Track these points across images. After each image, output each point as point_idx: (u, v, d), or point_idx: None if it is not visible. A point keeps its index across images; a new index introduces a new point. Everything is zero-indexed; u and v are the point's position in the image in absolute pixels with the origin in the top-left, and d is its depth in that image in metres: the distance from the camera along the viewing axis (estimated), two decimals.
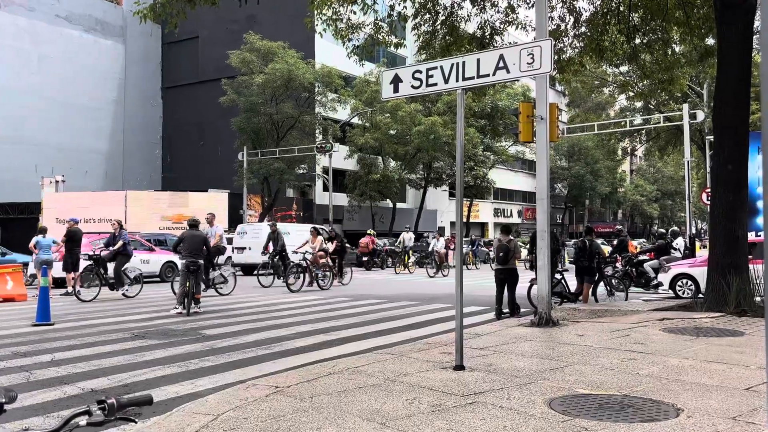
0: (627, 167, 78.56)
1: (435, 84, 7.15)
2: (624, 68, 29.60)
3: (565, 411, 5.02)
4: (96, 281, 15.51)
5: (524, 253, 24.73)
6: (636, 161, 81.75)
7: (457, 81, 6.97)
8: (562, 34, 15.60)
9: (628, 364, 6.85)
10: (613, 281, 14.77)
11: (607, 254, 16.17)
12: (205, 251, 13.56)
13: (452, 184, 48.68)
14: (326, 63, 38.05)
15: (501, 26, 15.59)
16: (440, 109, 40.78)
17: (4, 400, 2.02)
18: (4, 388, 2.07)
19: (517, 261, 12.72)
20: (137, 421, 2.05)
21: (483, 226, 58.74)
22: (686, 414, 4.94)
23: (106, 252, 15.67)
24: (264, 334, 9.92)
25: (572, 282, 14.21)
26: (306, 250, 18.79)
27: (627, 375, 6.34)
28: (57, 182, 31.12)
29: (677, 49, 18.18)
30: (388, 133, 40.33)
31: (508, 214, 63.49)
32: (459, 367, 6.62)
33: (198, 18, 23.29)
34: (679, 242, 21.19)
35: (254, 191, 39.03)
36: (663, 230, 28.38)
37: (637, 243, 33.00)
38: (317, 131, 39.18)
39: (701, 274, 13.80)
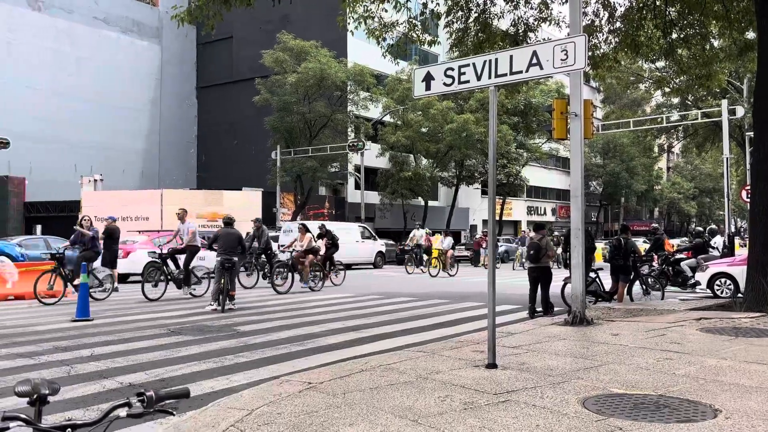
0: (664, 164, 77.14)
1: (467, 81, 7.13)
2: (660, 64, 29.13)
3: (600, 410, 4.97)
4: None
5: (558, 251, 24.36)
6: (673, 158, 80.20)
7: (490, 78, 6.95)
8: (597, 30, 15.40)
9: (664, 364, 6.74)
10: (649, 280, 14.55)
11: (643, 253, 15.93)
12: (240, 249, 13.71)
13: (485, 182, 48.35)
14: (358, 61, 38.15)
15: (534, 23, 15.44)
16: (472, 107, 40.55)
17: (48, 392, 2.09)
18: (48, 381, 2.14)
19: (550, 259, 12.51)
20: (175, 414, 2.10)
21: (516, 225, 58.26)
22: (724, 415, 4.85)
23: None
24: (296, 331, 10.01)
25: (607, 281, 14.04)
26: (294, 248, 17.72)
27: (663, 375, 6.25)
28: (95, 181, 31.88)
29: (716, 44, 17.80)
30: (420, 131, 40.27)
31: (542, 212, 62.88)
32: (491, 366, 6.60)
33: (232, 18, 23.54)
34: (718, 240, 20.78)
35: (287, 189, 39.36)
36: (700, 228, 27.79)
37: (679, 241, 32.13)
38: (349, 129, 39.33)
39: (740, 273, 13.59)
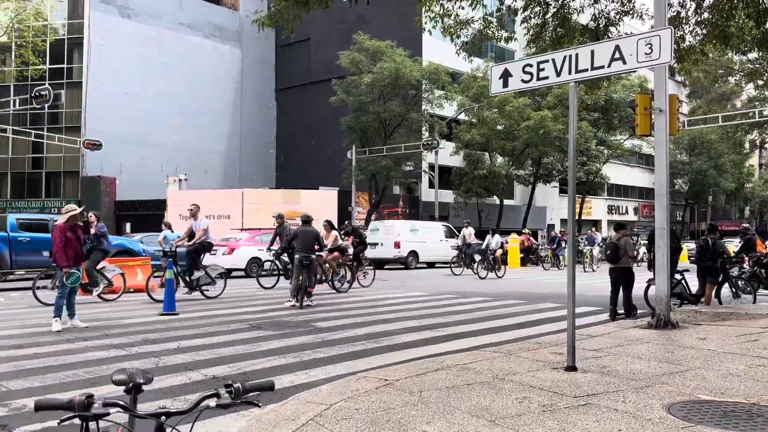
0: (755, 161, 73.18)
1: (546, 77, 7.00)
2: (753, 55, 27.66)
3: (686, 417, 4.79)
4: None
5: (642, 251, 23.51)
6: (766, 155, 75.99)
7: (570, 74, 6.79)
8: (683, 22, 14.77)
9: (757, 371, 6.42)
10: (740, 283, 13.86)
11: (733, 254, 15.18)
12: (318, 247, 13.96)
13: (562, 180, 47.26)
14: (433, 60, 38.05)
15: (616, 16, 14.96)
16: (550, 103, 39.75)
17: (143, 381, 2.21)
18: (142, 371, 2.26)
19: (632, 259, 12.06)
20: (260, 405, 2.17)
21: (596, 224, 56.74)
22: None
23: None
24: (372, 328, 10.11)
25: (693, 283, 13.46)
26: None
27: (755, 382, 5.94)
28: (180, 181, 33.23)
29: None
30: (495, 129, 39.79)
31: (623, 211, 60.88)
32: (571, 368, 6.46)
33: (309, 20, 23.96)
34: None
35: (362, 188, 39.74)
36: None
37: None
38: (424, 128, 39.31)
39: None
